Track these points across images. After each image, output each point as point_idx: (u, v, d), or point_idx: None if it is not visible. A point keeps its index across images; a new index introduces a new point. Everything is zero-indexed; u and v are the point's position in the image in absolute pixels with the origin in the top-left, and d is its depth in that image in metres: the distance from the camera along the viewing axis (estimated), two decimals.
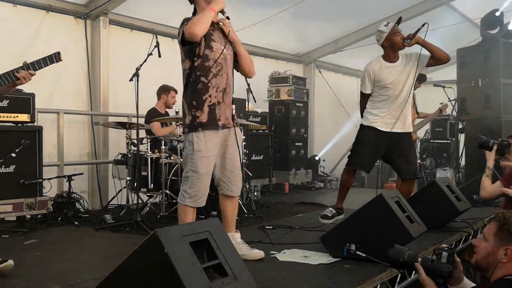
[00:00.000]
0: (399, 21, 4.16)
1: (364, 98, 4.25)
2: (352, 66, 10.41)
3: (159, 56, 4.76)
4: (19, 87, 4.59)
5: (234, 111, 3.24)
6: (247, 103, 6.59)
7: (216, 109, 3.07)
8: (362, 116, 4.31)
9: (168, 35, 6.78)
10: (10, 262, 2.84)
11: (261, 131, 7.46)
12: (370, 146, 4.13)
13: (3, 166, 4.29)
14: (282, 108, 8.12)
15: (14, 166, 4.38)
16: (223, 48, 3.10)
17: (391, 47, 4.10)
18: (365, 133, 4.17)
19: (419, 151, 8.02)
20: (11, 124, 4.50)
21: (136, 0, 5.87)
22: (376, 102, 4.15)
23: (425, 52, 4.07)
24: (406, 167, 4.13)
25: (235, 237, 3.20)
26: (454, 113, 6.97)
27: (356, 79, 10.77)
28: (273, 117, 8.09)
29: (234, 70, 3.27)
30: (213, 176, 3.19)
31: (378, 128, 4.11)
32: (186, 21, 3.04)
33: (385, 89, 4.09)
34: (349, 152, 4.30)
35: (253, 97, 6.07)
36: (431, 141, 8.27)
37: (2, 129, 4.41)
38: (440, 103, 5.93)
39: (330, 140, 9.81)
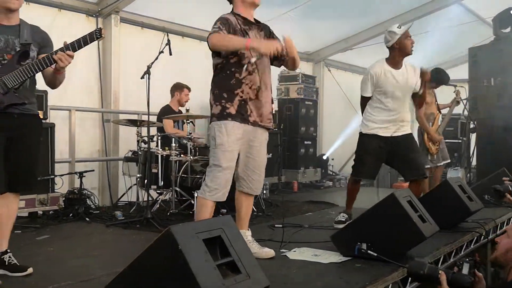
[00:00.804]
0: (410, 26, 4.15)
1: (365, 101, 4.22)
2: (361, 65, 10.35)
3: (170, 54, 4.77)
4: None
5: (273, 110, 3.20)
6: None
7: (247, 105, 3.03)
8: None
9: (178, 33, 6.82)
10: (30, 270, 2.85)
11: (270, 129, 7.45)
12: (373, 154, 4.13)
13: None
14: (291, 107, 8.12)
15: None
16: None
17: (400, 51, 4.06)
18: (367, 141, 4.16)
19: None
20: None
21: None
22: (376, 108, 4.13)
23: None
24: (409, 170, 4.14)
25: (246, 234, 3.20)
26: (466, 113, 6.92)
27: None
28: (282, 116, 8.08)
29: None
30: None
31: (378, 134, 4.10)
32: (219, 21, 2.98)
33: (386, 95, 4.07)
34: (353, 162, 4.31)
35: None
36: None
37: None
38: (454, 92, 5.87)
39: (338, 139, 9.78)
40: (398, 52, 4.07)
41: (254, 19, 3.20)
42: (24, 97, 2.79)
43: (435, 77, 5.73)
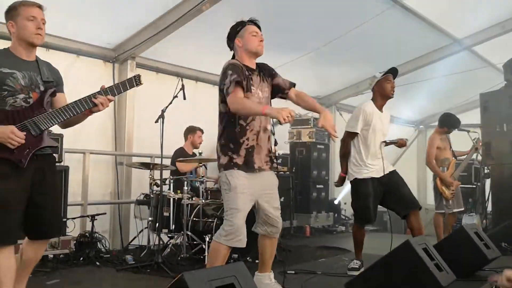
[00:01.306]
0: (393, 71, 4.31)
1: (349, 138, 4.34)
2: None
3: (184, 98, 4.87)
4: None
5: (275, 153, 3.24)
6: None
7: (253, 152, 3.10)
8: (343, 154, 4.37)
9: (192, 77, 6.97)
10: None
11: (282, 173, 7.45)
12: (372, 197, 4.18)
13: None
14: (303, 150, 8.13)
15: None
16: (260, 92, 3.18)
17: (380, 94, 4.27)
18: (363, 186, 4.20)
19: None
20: None
21: (163, 45, 6.05)
22: (364, 151, 4.23)
23: None
24: (403, 205, 4.17)
25: (271, 277, 3.25)
26: (479, 158, 6.87)
27: None
28: (294, 159, 8.09)
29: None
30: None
31: (373, 177, 4.18)
32: (229, 70, 3.03)
33: (373, 134, 4.21)
34: (355, 211, 4.33)
35: (275, 139, 6.10)
36: None
37: None
38: (473, 139, 5.88)
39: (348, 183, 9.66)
40: (379, 95, 4.28)
41: (256, 63, 3.28)
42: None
43: (446, 122, 5.74)
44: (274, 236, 3.25)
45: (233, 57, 3.26)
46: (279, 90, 3.32)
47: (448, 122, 5.73)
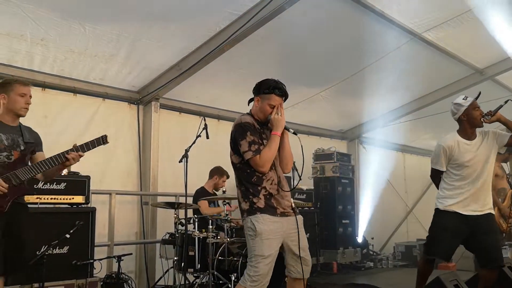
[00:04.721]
0: (478, 96, 3.99)
1: (437, 176, 4.03)
2: (396, 141, 10.35)
3: (207, 137, 4.92)
4: (74, 169, 4.89)
5: (293, 204, 3.21)
6: (292, 180, 6.59)
7: (272, 199, 3.08)
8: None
9: (215, 116, 7.07)
10: None
11: (306, 208, 7.37)
12: (450, 232, 3.83)
13: (58, 247, 4.39)
14: (327, 185, 8.06)
15: (68, 247, 4.47)
16: None
17: (469, 122, 3.88)
18: (444, 218, 3.88)
19: None
20: (66, 205, 4.67)
21: (185, 86, 6.19)
22: (452, 182, 3.90)
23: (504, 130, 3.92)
24: (487, 255, 3.78)
25: None
26: None
27: (401, 154, 10.67)
28: (318, 194, 8.01)
29: None
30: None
31: (457, 211, 3.83)
32: (244, 127, 3.09)
33: (463, 168, 3.86)
34: (426, 239, 4.03)
35: (299, 175, 6.07)
36: None
37: (58, 210, 4.58)
38: None
39: (372, 218, 9.43)
40: (467, 124, 3.90)
41: None
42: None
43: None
44: (298, 277, 3.14)
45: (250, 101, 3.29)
46: None
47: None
